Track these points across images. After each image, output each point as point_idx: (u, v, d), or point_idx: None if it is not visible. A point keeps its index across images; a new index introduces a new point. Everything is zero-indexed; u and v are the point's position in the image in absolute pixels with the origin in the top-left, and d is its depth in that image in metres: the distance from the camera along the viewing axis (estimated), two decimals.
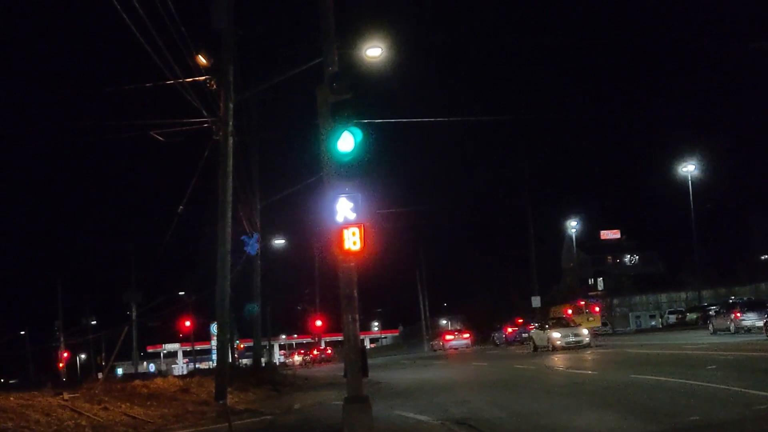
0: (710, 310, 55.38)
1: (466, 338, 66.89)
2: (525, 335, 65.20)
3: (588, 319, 59.91)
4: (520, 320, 66.93)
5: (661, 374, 20.17)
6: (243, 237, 69.75)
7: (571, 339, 37.64)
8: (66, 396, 19.24)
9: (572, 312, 61.37)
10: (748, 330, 39.56)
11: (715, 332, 42.77)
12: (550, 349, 37.54)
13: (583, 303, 63.87)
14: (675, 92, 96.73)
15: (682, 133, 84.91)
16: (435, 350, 69.12)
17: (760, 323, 37.21)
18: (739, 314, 41.85)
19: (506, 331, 64.59)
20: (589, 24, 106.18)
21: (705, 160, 60.66)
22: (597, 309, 62.93)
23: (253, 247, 68.10)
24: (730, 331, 41.37)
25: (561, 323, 41.81)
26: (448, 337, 68.10)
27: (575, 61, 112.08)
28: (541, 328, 41.54)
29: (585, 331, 39.03)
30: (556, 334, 38.34)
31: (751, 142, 71.69)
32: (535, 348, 40.25)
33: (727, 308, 44.97)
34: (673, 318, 63.09)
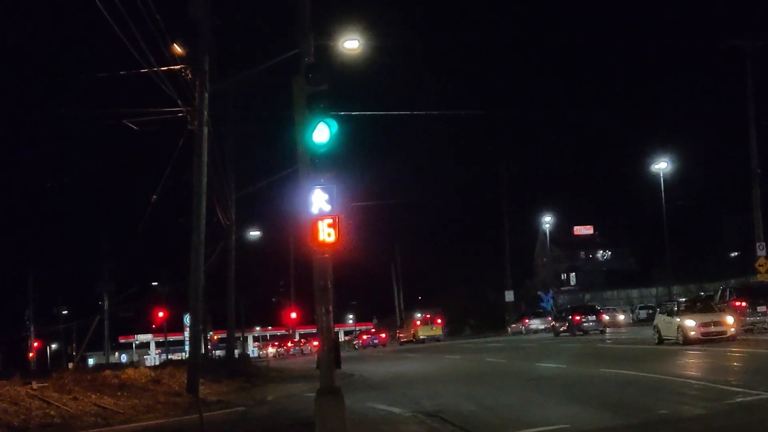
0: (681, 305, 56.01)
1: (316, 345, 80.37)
2: (376, 341, 74.17)
3: (432, 329, 69.81)
4: (374, 329, 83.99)
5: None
6: (539, 293, 70.34)
7: (712, 329, 29.39)
8: (35, 385, 19.06)
9: (420, 323, 71.67)
10: (535, 332, 60.86)
11: (513, 333, 64.89)
12: (681, 342, 29.38)
13: (429, 316, 74.24)
14: (648, 90, 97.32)
15: (655, 130, 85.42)
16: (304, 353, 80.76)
17: (542, 326, 60.93)
18: (527, 321, 65.53)
19: (361, 338, 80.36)
20: (563, 22, 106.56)
21: (677, 157, 61.15)
22: (439, 321, 72.77)
23: (548, 302, 69.06)
24: (522, 333, 63.81)
25: (696, 307, 32.07)
26: (315, 343, 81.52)
27: (551, 59, 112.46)
28: (669, 313, 31.95)
29: (730, 319, 30.13)
30: (690, 322, 29.71)
31: (723, 140, 72.31)
32: (661, 340, 31.31)
33: (519, 316, 68.64)
34: (644, 313, 63.64)
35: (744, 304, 35.77)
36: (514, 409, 15.34)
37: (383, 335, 77.90)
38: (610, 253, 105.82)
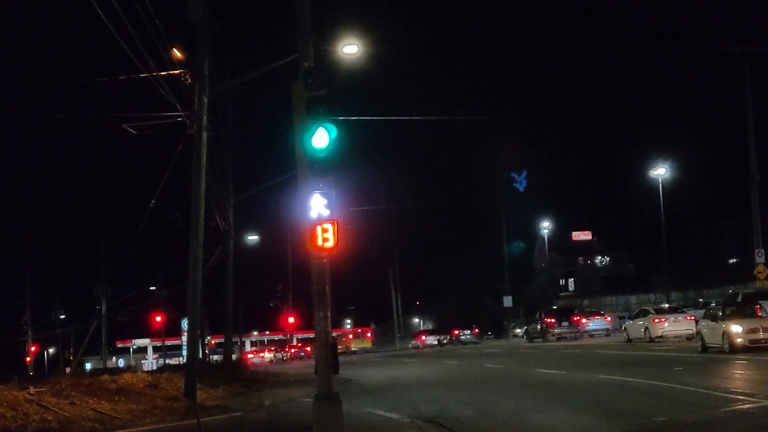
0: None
1: (261, 356, 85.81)
2: (302, 354, 77.36)
3: (363, 342, 78.80)
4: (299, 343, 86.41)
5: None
6: (512, 174, 70.14)
7: (761, 335, 26.24)
8: (32, 390, 19.02)
9: (352, 336, 79.46)
10: (431, 345, 67.11)
11: (412, 347, 71.74)
12: (726, 350, 26.45)
13: (360, 330, 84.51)
14: (647, 95, 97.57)
15: (653, 136, 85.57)
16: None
17: (435, 342, 67.78)
18: (423, 338, 72.31)
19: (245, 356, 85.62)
20: (563, 27, 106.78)
21: (676, 163, 61.17)
22: (369, 335, 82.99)
23: (522, 183, 69.25)
24: (419, 347, 68.97)
25: (744, 312, 28.68)
26: (249, 355, 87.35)
27: (549, 63, 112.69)
28: (713, 318, 28.78)
29: None
30: (736, 328, 26.49)
31: (721, 146, 72.47)
32: (705, 347, 28.45)
33: (416, 334, 77.41)
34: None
35: (553, 320, 51.13)
36: (512, 415, 15.31)
37: (309, 348, 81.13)
38: (608, 258, 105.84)
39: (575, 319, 51.36)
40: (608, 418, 13.78)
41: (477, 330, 68.56)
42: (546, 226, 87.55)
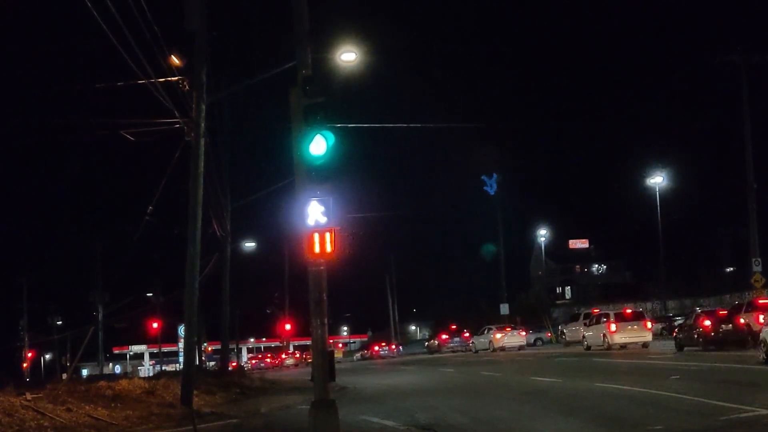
0: (675, 320, 56.13)
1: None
2: (263, 366, 78.10)
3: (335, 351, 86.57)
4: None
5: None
6: (483, 177, 69.98)
7: None
8: (29, 396, 19.00)
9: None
10: (379, 357, 75.32)
11: (363, 358, 78.96)
12: None
13: (331, 341, 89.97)
14: (644, 103, 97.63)
15: (650, 144, 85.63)
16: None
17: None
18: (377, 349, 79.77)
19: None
20: (559, 38, 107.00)
21: (673, 171, 61.19)
22: (340, 345, 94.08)
23: (492, 187, 69.13)
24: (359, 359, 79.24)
25: None
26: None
27: (548, 74, 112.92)
28: None
29: None
30: None
31: (718, 154, 72.60)
32: None
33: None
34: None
35: (446, 337, 69.54)
36: (508, 423, 15.31)
37: (269, 358, 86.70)
38: (605, 266, 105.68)
39: (465, 336, 67.10)
40: (605, 428, 13.79)
41: (393, 346, 79.81)
42: (543, 234, 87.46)
